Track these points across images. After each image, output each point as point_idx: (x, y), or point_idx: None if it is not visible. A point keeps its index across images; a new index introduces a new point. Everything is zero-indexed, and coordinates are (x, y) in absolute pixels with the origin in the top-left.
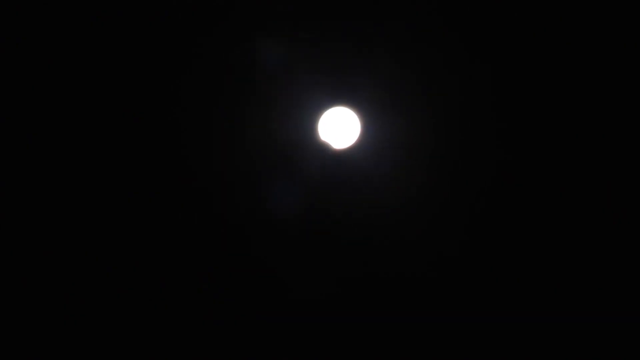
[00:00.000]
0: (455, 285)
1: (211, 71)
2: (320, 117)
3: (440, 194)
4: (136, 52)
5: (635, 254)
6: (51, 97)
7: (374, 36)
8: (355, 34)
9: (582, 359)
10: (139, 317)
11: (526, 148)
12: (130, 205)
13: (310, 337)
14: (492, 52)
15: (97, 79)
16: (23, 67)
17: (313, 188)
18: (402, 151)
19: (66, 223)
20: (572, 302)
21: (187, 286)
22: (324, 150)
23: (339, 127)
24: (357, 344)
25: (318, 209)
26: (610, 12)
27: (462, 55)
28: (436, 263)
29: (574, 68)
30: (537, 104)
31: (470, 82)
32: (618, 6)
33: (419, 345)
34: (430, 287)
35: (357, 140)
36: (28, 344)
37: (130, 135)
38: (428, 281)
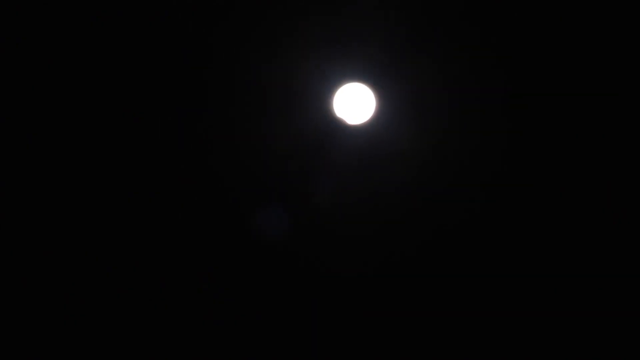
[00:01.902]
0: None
1: (226, 53)
2: (335, 93)
3: (455, 169)
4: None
5: (635, 254)
6: (52, 98)
7: (390, 12)
8: (371, 10)
9: (582, 358)
10: (139, 317)
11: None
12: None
13: (311, 336)
14: (507, 30)
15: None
16: (24, 68)
17: (329, 164)
18: (417, 127)
19: (65, 222)
20: (572, 302)
21: (187, 285)
22: (339, 126)
23: (355, 103)
24: (359, 343)
25: (334, 185)
26: (610, 12)
27: (477, 31)
28: (450, 238)
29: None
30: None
31: (485, 58)
32: (619, 6)
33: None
34: (445, 262)
35: (372, 116)
36: (28, 344)
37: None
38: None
